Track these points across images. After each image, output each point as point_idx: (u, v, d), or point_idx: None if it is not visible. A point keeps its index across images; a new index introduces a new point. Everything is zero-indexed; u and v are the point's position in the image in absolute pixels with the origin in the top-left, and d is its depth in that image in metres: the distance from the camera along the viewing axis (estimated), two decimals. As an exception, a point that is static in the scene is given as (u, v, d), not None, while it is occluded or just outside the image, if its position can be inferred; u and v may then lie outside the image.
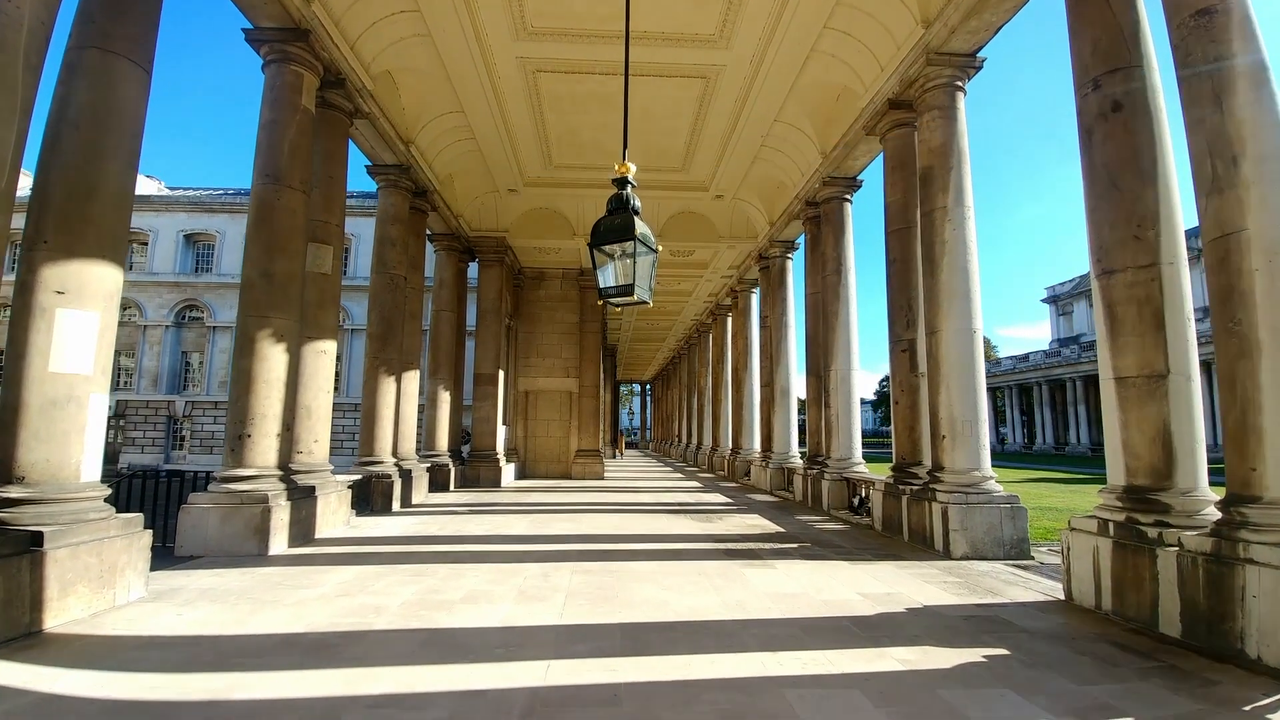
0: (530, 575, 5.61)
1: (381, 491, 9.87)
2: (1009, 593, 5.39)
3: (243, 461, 6.65)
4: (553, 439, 18.36)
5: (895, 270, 8.59)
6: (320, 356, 7.85)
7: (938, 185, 7.58)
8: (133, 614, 4.51)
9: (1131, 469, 5.03)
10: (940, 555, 6.82)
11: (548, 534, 7.94)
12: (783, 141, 11.89)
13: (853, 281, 11.17)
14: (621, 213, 4.36)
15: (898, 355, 8.48)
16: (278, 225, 7.05)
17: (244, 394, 6.71)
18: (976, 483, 7.01)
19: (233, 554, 6.35)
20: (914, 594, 5.19)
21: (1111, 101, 5.44)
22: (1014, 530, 6.90)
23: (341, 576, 5.46)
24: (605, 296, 4.48)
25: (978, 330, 7.35)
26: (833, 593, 5.16)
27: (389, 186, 10.92)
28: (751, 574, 5.80)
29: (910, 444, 8.19)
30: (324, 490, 7.59)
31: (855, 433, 10.81)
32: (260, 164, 7.20)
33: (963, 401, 7.16)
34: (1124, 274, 5.15)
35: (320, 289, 7.93)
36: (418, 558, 6.33)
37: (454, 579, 5.42)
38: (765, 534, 8.18)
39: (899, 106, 8.55)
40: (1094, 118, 5.42)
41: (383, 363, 10.48)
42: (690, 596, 4.98)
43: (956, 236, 7.41)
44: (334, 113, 8.36)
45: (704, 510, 10.65)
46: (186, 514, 6.52)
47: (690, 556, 6.63)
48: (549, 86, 10.24)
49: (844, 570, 6.06)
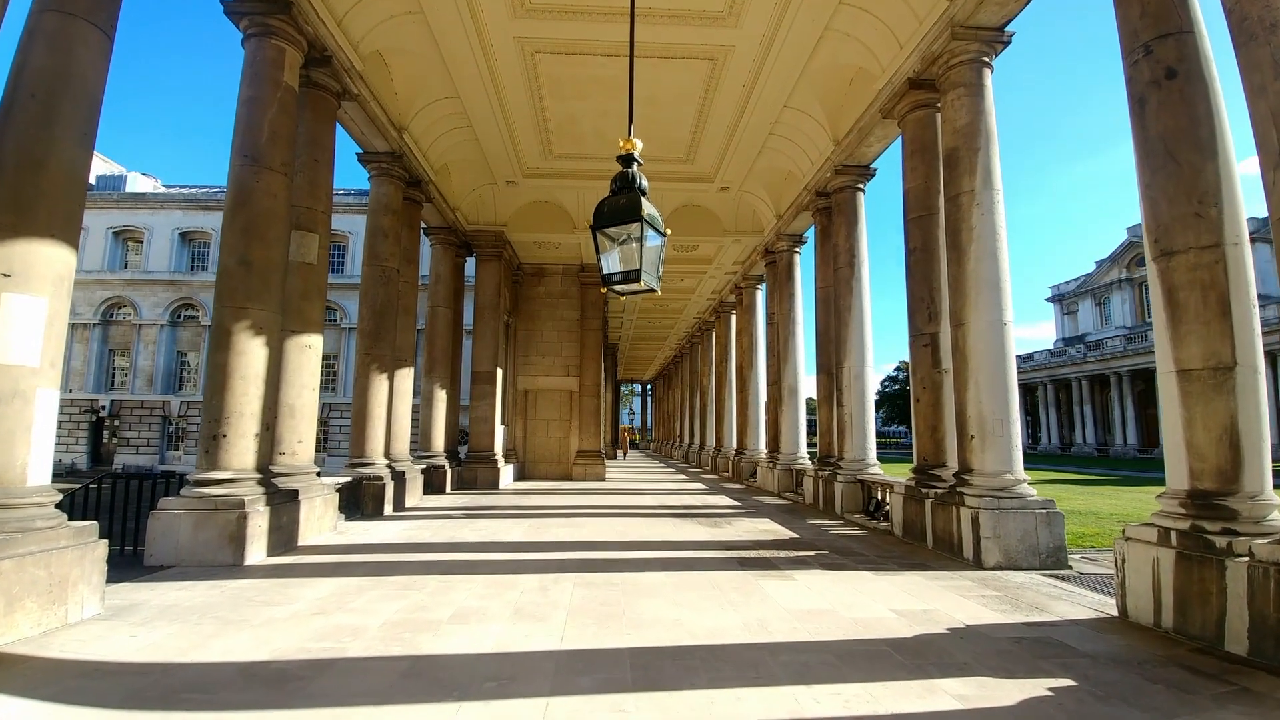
0: (527, 589, 5.12)
1: (372, 495, 9.37)
2: (1056, 609, 4.90)
3: (217, 464, 6.15)
4: (553, 439, 17.86)
5: (916, 260, 8.10)
6: (304, 352, 7.35)
7: (964, 167, 7.08)
8: (84, 633, 4.05)
9: (1196, 471, 4.55)
10: (970, 565, 6.32)
11: (547, 541, 7.44)
12: (792, 129, 11.40)
13: (866, 274, 10.67)
14: (627, 192, 3.92)
15: (918, 350, 7.98)
16: (256, 209, 6.56)
17: (219, 391, 6.22)
18: (1009, 486, 6.51)
19: (206, 564, 5.87)
20: (952, 611, 4.69)
21: (1165, 68, 5.02)
22: (1050, 538, 6.41)
23: (320, 591, 4.96)
24: (609, 284, 4.04)
25: (1008, 322, 6.85)
26: (863, 609, 4.66)
27: (381, 175, 10.42)
28: (770, 587, 5.30)
29: (933, 444, 7.69)
30: (308, 494, 7.09)
31: (870, 432, 10.32)
32: (238, 144, 6.71)
33: (993, 399, 6.66)
34: (1185, 255, 4.69)
35: (305, 280, 7.44)
36: (405, 568, 5.83)
37: (443, 593, 4.92)
38: (779, 540, 7.68)
39: (920, 86, 8.06)
40: (1146, 85, 4.98)
41: (374, 359, 9.98)
42: (705, 614, 4.48)
43: (985, 222, 6.91)
44: (320, 93, 7.87)
45: (711, 514, 10.15)
46: (156, 520, 6.04)
47: (701, 566, 6.13)
48: (548, 69, 9.75)
49: (870, 582, 5.56)
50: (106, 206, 34.01)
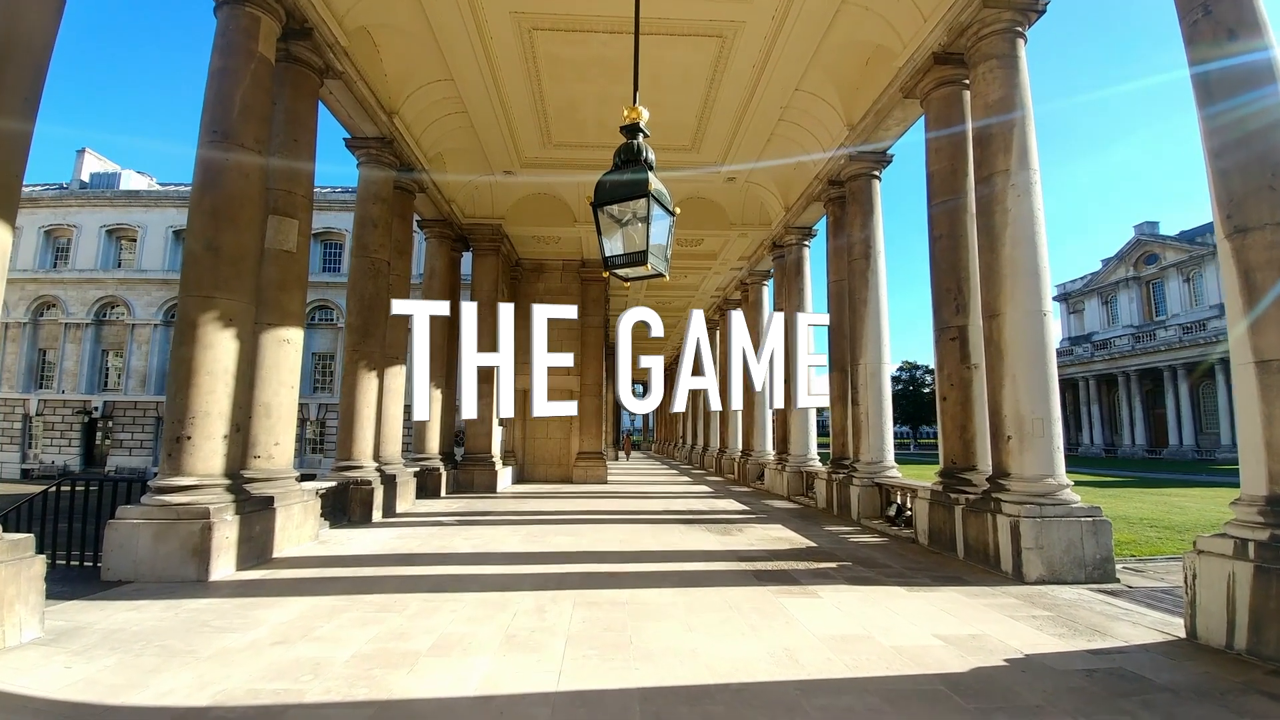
0: (522, 610, 4.55)
1: (360, 500, 8.80)
2: (1116, 631, 4.35)
3: (180, 468, 5.59)
4: (553, 441, 17.28)
5: (941, 248, 7.52)
6: (282, 346, 6.78)
7: (998, 145, 6.51)
8: (18, 661, 3.54)
9: (1276, 475, 4.00)
10: (1010, 578, 5.75)
11: (545, 551, 6.87)
12: (803, 114, 10.83)
13: (883, 266, 10.10)
14: (632, 166, 3.40)
15: (945, 344, 7.41)
16: (226, 190, 6.00)
17: (182, 388, 5.66)
18: (1051, 492, 5.94)
19: (166, 579, 5.32)
20: (1005, 636, 4.12)
21: (1227, 30, 4.53)
22: (1097, 548, 5.83)
23: (286, 613, 4.39)
24: (611, 267, 3.55)
25: (1048, 313, 6.28)
26: (902, 635, 4.09)
27: (370, 161, 9.86)
28: (793, 606, 4.73)
29: (962, 446, 7.11)
30: (285, 501, 6.52)
31: (888, 433, 9.74)
32: (207, 119, 6.15)
33: (1032, 396, 6.09)
34: (1261, 232, 4.15)
35: (283, 269, 6.87)
36: (387, 585, 5.26)
37: (425, 616, 4.35)
38: (795, 550, 7.11)
39: (945, 61, 7.50)
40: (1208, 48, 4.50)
41: (363, 356, 9.41)
42: (724, 641, 3.91)
43: (1022, 204, 6.34)
44: (300, 69, 7.30)
45: (720, 520, 9.57)
46: (113, 531, 5.48)
47: (714, 581, 5.56)
48: (547, 48, 9.18)
49: (903, 600, 4.99)
50: (100, 204, 33.44)
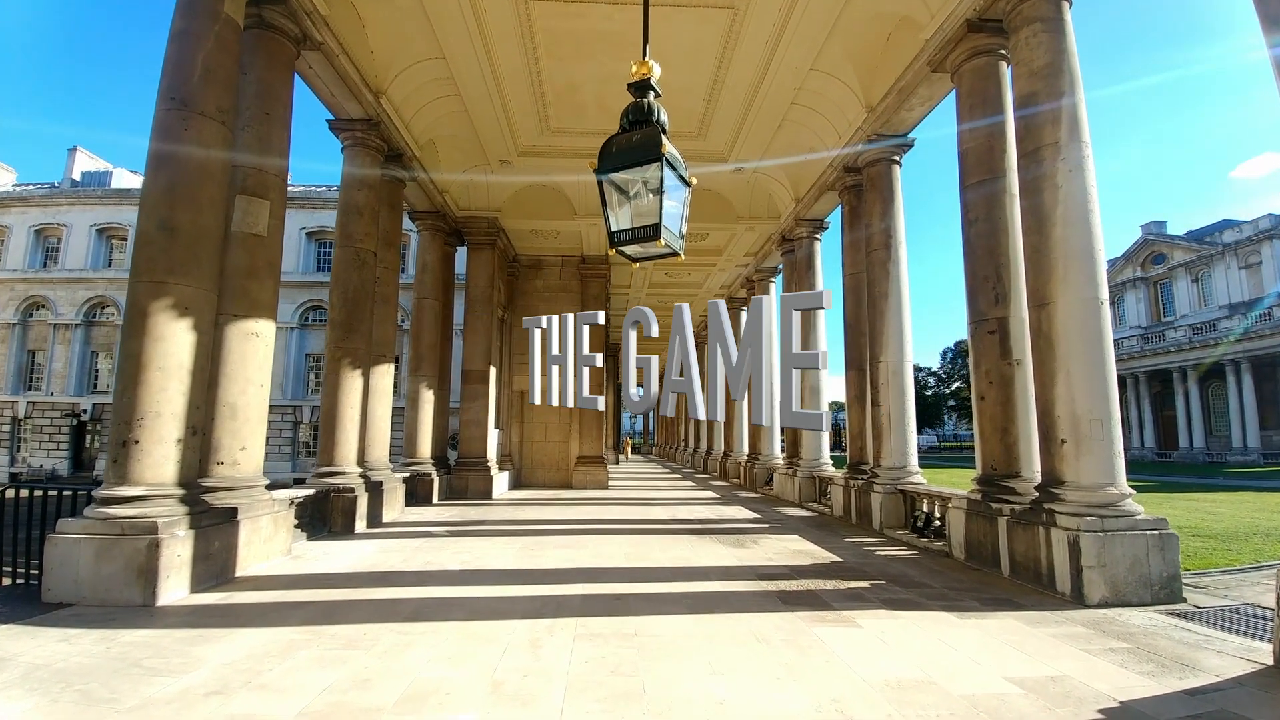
0: (513, 644, 3.86)
1: (342, 509, 8.12)
2: (1204, 662, 3.75)
3: (126, 477, 4.91)
4: (551, 444, 16.58)
5: (977, 232, 6.86)
6: (250, 340, 6.10)
7: (1045, 117, 5.86)
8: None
9: None
10: (1067, 601, 5.07)
11: (541, 568, 6.19)
12: (818, 97, 10.18)
13: (904, 256, 9.45)
14: (643, 127, 2.87)
15: (982, 338, 6.74)
16: (184, 163, 5.33)
17: (130, 386, 4.98)
18: (1112, 502, 5.27)
19: (110, 602, 4.66)
20: (1087, 678, 3.45)
21: None
22: (1164, 565, 5.16)
23: (233, 650, 3.71)
24: (617, 244, 3.06)
25: (1105, 300, 5.61)
26: (970, 678, 3.41)
27: (356, 145, 9.20)
28: (830, 638, 4.05)
29: (1003, 450, 6.44)
30: (252, 512, 5.84)
31: (911, 436, 9.06)
32: (165, 86, 5.49)
33: (1089, 393, 5.42)
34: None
35: (252, 254, 6.19)
36: (358, 612, 4.57)
37: (398, 654, 3.66)
38: (819, 565, 6.43)
39: (980, 29, 6.85)
40: None
41: (346, 353, 8.74)
42: (756, 688, 3.23)
43: (1074, 180, 5.68)
44: (274, 36, 6.64)
45: (731, 530, 8.89)
46: (54, 547, 4.82)
47: (734, 605, 4.89)
48: (545, 21, 8.53)
49: (956, 629, 4.31)
50: (91, 203, 32.77)
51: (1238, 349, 34.51)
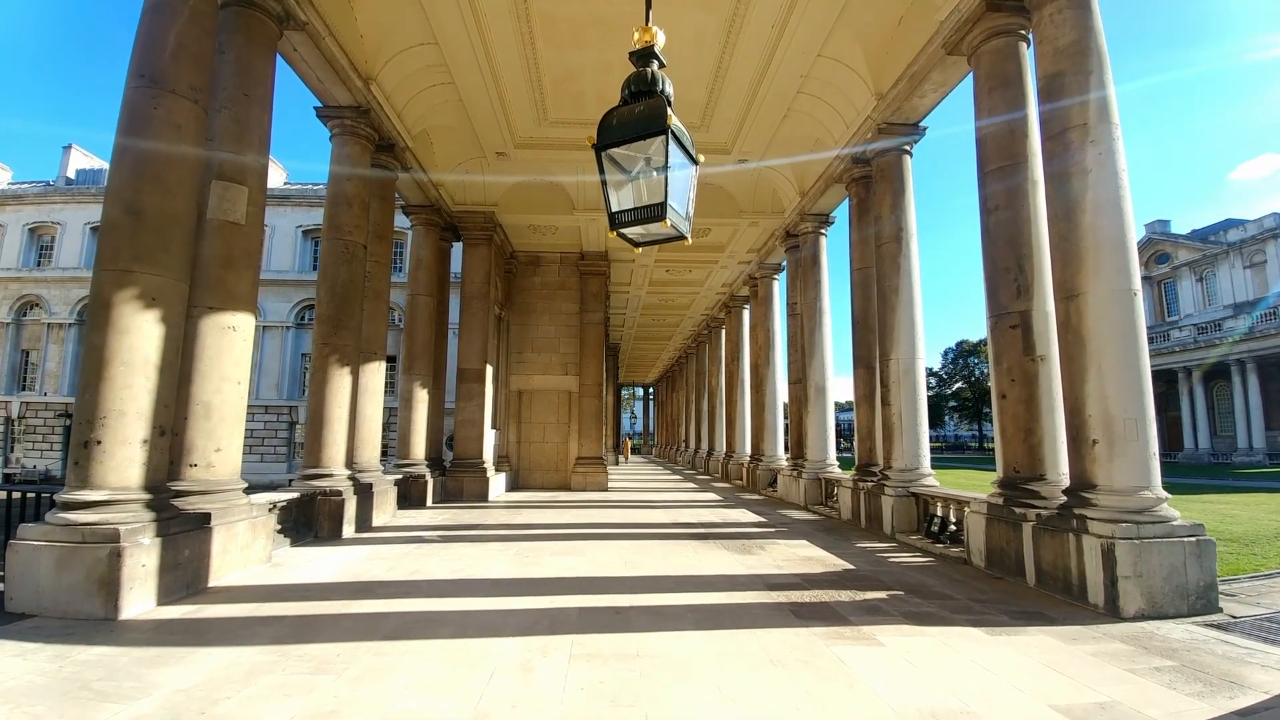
0: (501, 668, 3.50)
1: (329, 513, 7.75)
2: (1252, 679, 3.50)
3: (88, 480, 4.55)
4: (549, 445, 16.20)
5: (997, 221, 6.50)
6: (226, 334, 5.74)
7: (1072, 96, 5.50)
8: None
9: None
10: (1101, 613, 4.71)
11: (537, 578, 5.82)
12: (825, 85, 9.82)
13: (916, 250, 9.09)
14: (646, 98, 2.62)
15: (1003, 333, 6.38)
16: (152, 143, 4.97)
17: (92, 383, 4.62)
18: (1148, 507, 4.91)
19: (71, 615, 4.33)
20: (1138, 704, 3.10)
21: None
22: (1201, 574, 4.83)
23: (190, 674, 3.34)
24: (618, 226, 2.68)
25: (1138, 292, 5.27)
26: (1011, 708, 3.05)
27: (345, 134, 8.84)
28: (852, 659, 3.68)
29: (1026, 451, 6.08)
30: (227, 518, 5.48)
31: (923, 437, 8.70)
32: (135, 63, 5.13)
33: (1123, 391, 5.07)
34: None
35: (229, 243, 5.83)
36: (335, 628, 4.20)
37: (372, 680, 3.30)
38: (831, 574, 6.06)
39: (999, 8, 6.51)
40: None
41: (334, 350, 8.37)
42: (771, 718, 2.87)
43: (1104, 164, 5.33)
44: (255, 14, 6.28)
45: (736, 534, 8.52)
46: (14, 554, 4.49)
47: (744, 619, 4.52)
48: (542, 4, 8.16)
49: (987, 648, 3.94)
50: (85, 201, 32.38)
51: (1243, 348, 34.17)
